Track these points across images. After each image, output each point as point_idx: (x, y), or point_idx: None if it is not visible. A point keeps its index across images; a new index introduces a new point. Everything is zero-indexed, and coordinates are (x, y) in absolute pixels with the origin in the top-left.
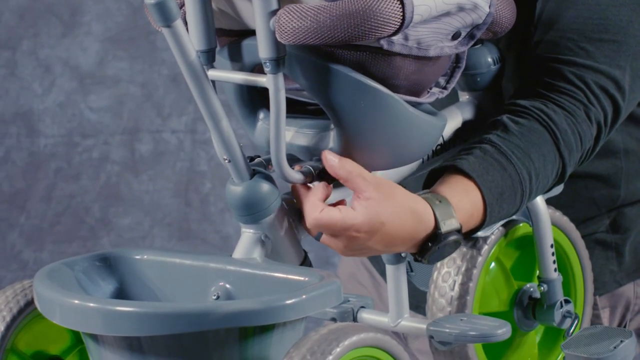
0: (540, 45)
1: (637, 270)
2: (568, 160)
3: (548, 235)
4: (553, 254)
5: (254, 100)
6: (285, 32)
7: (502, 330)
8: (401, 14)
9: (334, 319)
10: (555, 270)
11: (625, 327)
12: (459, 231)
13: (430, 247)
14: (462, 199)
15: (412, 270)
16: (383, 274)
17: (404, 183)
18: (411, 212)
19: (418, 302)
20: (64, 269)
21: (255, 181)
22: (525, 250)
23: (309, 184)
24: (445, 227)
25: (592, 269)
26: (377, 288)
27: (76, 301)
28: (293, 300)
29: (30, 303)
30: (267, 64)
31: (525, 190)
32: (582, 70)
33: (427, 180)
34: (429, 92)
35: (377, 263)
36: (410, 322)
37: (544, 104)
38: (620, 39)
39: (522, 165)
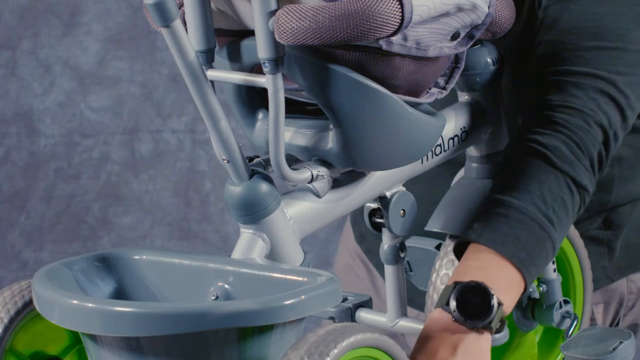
0: (538, 60)
1: (630, 266)
2: (574, 172)
3: None
4: None
5: (253, 100)
6: (284, 33)
7: (499, 335)
8: (400, 14)
9: (332, 318)
10: (554, 270)
11: (619, 322)
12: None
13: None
14: (491, 274)
15: (411, 270)
16: (378, 267)
17: (405, 184)
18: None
19: (412, 296)
20: (62, 269)
21: (254, 181)
22: None
23: None
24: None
25: None
26: (373, 281)
27: (75, 301)
28: (292, 301)
29: (28, 304)
30: (266, 64)
31: (542, 223)
32: (580, 77)
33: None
34: (428, 92)
35: (373, 257)
36: (408, 322)
37: (530, 131)
38: (620, 46)
39: (524, 202)
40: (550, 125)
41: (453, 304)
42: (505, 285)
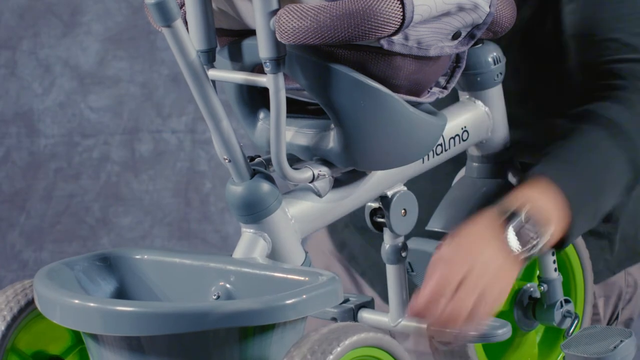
0: (585, 54)
1: (628, 258)
2: (635, 154)
3: None
4: (553, 253)
5: (254, 100)
6: (286, 32)
7: (503, 330)
8: (401, 13)
9: (334, 319)
10: (555, 270)
11: (617, 316)
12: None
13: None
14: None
15: (412, 270)
16: (363, 274)
17: (406, 184)
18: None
19: None
20: (63, 269)
21: (255, 181)
22: None
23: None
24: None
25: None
26: (355, 284)
27: (76, 301)
28: (293, 300)
29: (30, 303)
30: (268, 63)
31: (597, 182)
32: (632, 64)
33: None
34: (429, 92)
35: (357, 264)
36: (410, 322)
37: (597, 105)
38: None
39: (585, 164)
40: (614, 104)
41: (509, 229)
42: (554, 228)
